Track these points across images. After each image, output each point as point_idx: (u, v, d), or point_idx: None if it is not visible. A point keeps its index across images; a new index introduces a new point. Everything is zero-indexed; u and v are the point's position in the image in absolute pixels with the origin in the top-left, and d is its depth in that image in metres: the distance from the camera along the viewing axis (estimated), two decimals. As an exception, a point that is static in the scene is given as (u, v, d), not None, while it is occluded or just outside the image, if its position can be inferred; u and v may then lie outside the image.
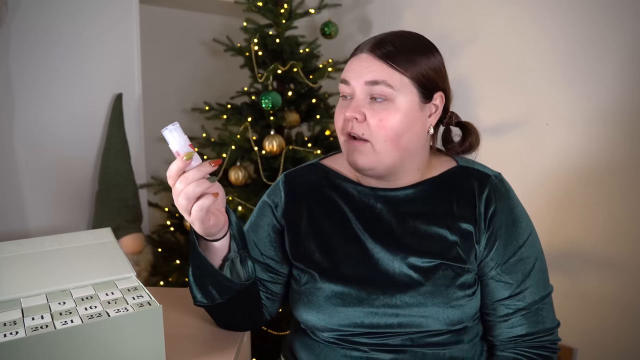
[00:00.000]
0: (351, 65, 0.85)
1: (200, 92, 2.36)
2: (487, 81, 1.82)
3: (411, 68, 0.81)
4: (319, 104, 1.91)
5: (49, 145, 1.70)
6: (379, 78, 0.80)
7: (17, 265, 0.81)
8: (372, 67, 0.81)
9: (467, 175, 0.89)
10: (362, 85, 0.82)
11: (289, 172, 0.98)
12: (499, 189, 0.87)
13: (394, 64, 0.81)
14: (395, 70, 0.81)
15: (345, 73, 0.86)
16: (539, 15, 1.69)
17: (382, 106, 0.81)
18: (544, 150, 1.72)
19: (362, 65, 0.82)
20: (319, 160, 0.99)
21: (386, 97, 0.81)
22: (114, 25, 1.82)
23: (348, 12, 2.24)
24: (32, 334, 0.62)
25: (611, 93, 1.57)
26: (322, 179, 0.95)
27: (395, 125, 0.81)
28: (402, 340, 0.83)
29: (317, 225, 0.91)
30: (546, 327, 0.88)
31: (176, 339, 0.85)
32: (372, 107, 0.81)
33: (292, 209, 0.93)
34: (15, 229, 1.64)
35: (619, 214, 1.58)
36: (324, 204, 0.92)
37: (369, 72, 0.81)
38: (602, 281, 1.62)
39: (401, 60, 0.81)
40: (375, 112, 0.81)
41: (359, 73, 0.82)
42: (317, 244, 0.90)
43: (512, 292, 0.85)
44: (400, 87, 0.81)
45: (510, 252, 0.85)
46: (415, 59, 0.82)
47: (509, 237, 0.85)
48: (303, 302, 0.87)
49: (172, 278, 1.90)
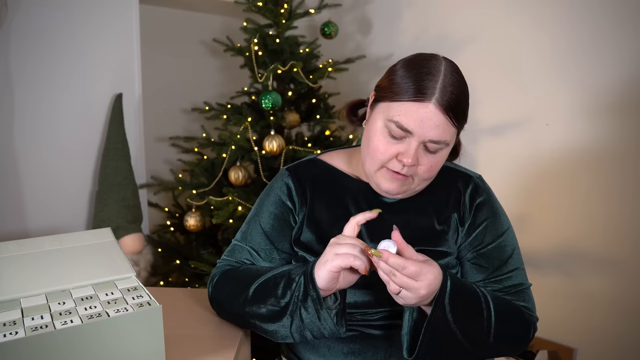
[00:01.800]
0: (415, 113, 0.82)
1: (200, 92, 2.36)
2: (487, 81, 1.82)
3: (464, 121, 0.87)
4: (319, 104, 1.91)
5: (48, 145, 1.70)
6: (442, 139, 0.83)
7: (17, 265, 0.81)
8: (440, 126, 0.82)
9: (452, 174, 0.97)
10: (425, 139, 0.83)
11: (289, 166, 1.01)
12: (480, 186, 0.96)
13: (455, 122, 0.84)
14: (454, 127, 0.84)
15: (408, 121, 0.82)
16: (538, 15, 1.69)
17: (435, 156, 0.86)
18: (544, 150, 1.71)
19: (430, 119, 0.82)
20: (317, 156, 1.02)
21: (440, 149, 0.85)
22: (114, 25, 1.82)
23: (348, 12, 2.24)
24: (32, 334, 0.62)
25: (611, 93, 1.57)
26: (323, 173, 0.98)
27: (438, 168, 0.88)
28: (392, 315, 0.88)
29: (318, 216, 0.94)
30: (523, 304, 0.91)
31: (176, 339, 0.85)
32: (426, 156, 0.85)
33: (301, 196, 0.96)
34: (15, 229, 1.64)
35: (619, 214, 1.58)
36: (325, 196, 0.95)
37: (437, 131, 0.82)
38: (602, 281, 1.62)
39: (460, 115, 0.85)
40: (427, 162, 0.86)
41: (426, 127, 0.82)
42: (316, 233, 0.93)
43: (487, 275, 0.91)
44: (452, 140, 0.86)
45: (488, 239, 0.92)
46: (467, 110, 0.87)
47: (489, 225, 0.92)
48: None
49: (172, 278, 1.90)
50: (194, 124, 2.31)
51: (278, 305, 0.81)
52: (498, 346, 0.83)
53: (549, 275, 1.72)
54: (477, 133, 1.85)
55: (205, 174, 1.86)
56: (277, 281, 0.83)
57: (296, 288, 0.79)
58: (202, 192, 1.79)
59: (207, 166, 1.87)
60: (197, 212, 1.79)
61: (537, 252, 1.75)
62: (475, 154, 1.86)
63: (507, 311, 0.84)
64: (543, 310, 1.77)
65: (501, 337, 0.82)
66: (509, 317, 0.84)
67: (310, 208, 0.95)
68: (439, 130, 0.82)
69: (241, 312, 0.87)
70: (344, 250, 0.76)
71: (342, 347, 0.88)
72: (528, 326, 0.87)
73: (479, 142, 1.86)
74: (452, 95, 0.82)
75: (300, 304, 0.79)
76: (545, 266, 1.73)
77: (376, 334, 0.88)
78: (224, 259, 0.99)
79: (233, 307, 0.89)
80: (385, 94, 0.86)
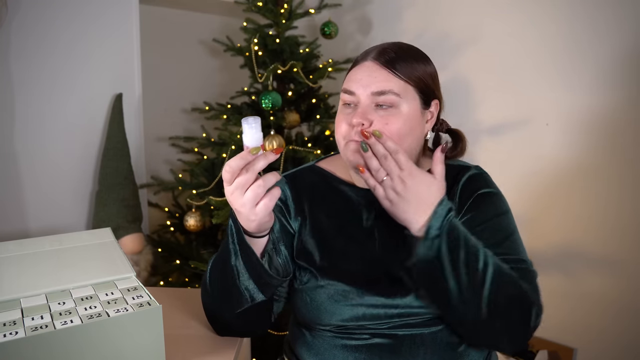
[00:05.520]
0: (355, 74, 0.86)
1: (200, 92, 2.36)
2: (487, 81, 1.82)
3: (414, 76, 0.85)
4: (319, 104, 1.91)
5: (49, 145, 1.70)
6: (385, 88, 0.83)
7: (17, 265, 0.81)
8: (378, 77, 0.83)
9: (453, 170, 0.93)
10: (369, 95, 0.83)
11: (287, 173, 1.00)
12: (476, 176, 0.90)
13: (399, 72, 0.83)
14: (399, 78, 0.84)
15: (349, 83, 0.86)
16: (538, 15, 1.69)
17: (388, 112, 0.84)
18: (544, 150, 1.71)
19: (367, 75, 0.84)
20: (315, 163, 1.01)
21: (392, 104, 0.83)
22: (114, 25, 1.82)
23: (348, 12, 2.24)
24: (32, 334, 0.62)
25: (611, 93, 1.57)
26: (321, 181, 0.96)
27: (399, 129, 0.83)
28: (401, 325, 0.85)
29: (318, 225, 0.92)
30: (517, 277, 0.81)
31: (176, 339, 0.85)
32: (377, 113, 0.84)
33: (298, 206, 0.94)
34: (15, 229, 1.64)
35: (618, 213, 1.58)
36: (324, 205, 0.94)
37: (376, 81, 0.83)
38: (601, 281, 1.62)
39: (405, 68, 0.84)
40: (381, 118, 0.83)
41: (365, 83, 0.84)
42: (317, 243, 0.91)
43: None
44: (404, 94, 0.84)
45: (478, 221, 0.85)
46: (416, 67, 0.85)
47: (482, 211, 0.86)
48: (304, 301, 0.88)
49: (172, 278, 1.90)
50: (194, 124, 2.31)
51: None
52: (492, 314, 0.74)
53: (548, 274, 1.72)
54: (477, 133, 1.85)
55: (205, 174, 1.86)
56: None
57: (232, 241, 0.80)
58: (202, 192, 1.79)
59: (207, 166, 1.87)
60: (197, 212, 1.79)
61: (536, 252, 1.75)
62: (475, 154, 1.86)
63: (507, 274, 0.76)
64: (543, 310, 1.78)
65: (497, 302, 0.73)
66: (509, 281, 0.76)
67: (312, 217, 0.93)
68: (378, 80, 0.83)
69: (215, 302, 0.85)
70: (246, 194, 0.71)
71: (347, 355, 0.86)
72: (529, 304, 0.76)
73: (479, 142, 1.85)
74: (390, 50, 0.85)
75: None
76: (545, 266, 1.73)
77: (383, 344, 0.85)
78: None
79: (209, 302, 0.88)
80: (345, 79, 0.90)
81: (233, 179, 0.71)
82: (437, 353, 0.84)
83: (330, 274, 0.87)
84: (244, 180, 0.70)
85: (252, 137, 0.71)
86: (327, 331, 0.87)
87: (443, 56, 1.85)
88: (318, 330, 0.88)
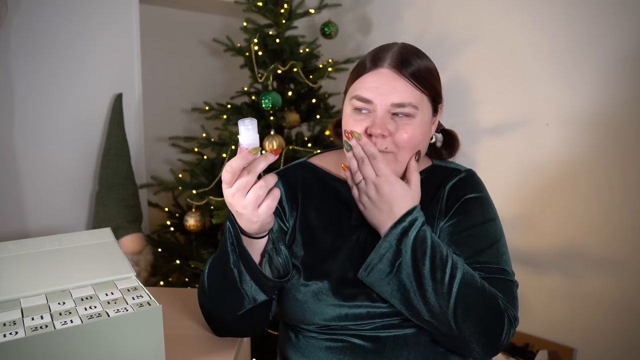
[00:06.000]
0: (370, 82, 0.83)
1: (200, 92, 2.36)
2: (487, 81, 1.82)
3: (429, 85, 0.85)
4: (319, 104, 1.91)
5: (48, 145, 1.70)
6: (405, 100, 0.82)
7: (17, 265, 0.81)
8: (398, 87, 0.82)
9: (439, 172, 0.94)
10: (387, 105, 0.82)
11: (279, 170, 0.99)
12: (465, 179, 0.91)
13: (418, 84, 0.83)
14: (417, 89, 0.83)
15: (363, 90, 0.84)
16: (538, 15, 1.69)
17: (404, 122, 0.83)
18: (544, 150, 1.71)
19: (384, 84, 0.82)
20: (307, 159, 1.00)
21: (409, 115, 0.83)
22: (114, 25, 1.82)
23: (348, 12, 2.24)
24: (32, 334, 0.62)
25: (611, 92, 1.57)
26: (312, 177, 0.96)
27: (415, 138, 0.84)
28: (384, 326, 0.84)
29: (307, 222, 0.92)
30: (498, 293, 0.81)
31: (176, 339, 0.85)
32: (394, 122, 0.83)
33: (291, 204, 0.94)
34: (15, 229, 1.64)
35: (619, 214, 1.58)
36: (314, 201, 0.94)
37: (396, 92, 0.82)
38: (602, 282, 1.62)
39: (423, 79, 0.83)
40: (401, 128, 0.83)
41: (383, 92, 0.82)
42: (304, 240, 0.91)
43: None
44: (420, 105, 0.84)
45: (463, 227, 0.86)
46: (430, 76, 0.85)
47: (467, 217, 0.87)
48: (289, 299, 0.87)
49: (172, 278, 1.90)
50: (194, 124, 2.32)
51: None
52: (458, 324, 0.75)
53: (549, 275, 1.72)
54: (477, 133, 1.85)
55: (205, 174, 1.86)
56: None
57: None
58: (202, 192, 1.79)
59: (207, 166, 1.87)
60: (197, 212, 1.79)
61: (537, 252, 1.75)
62: (475, 154, 1.86)
63: (477, 285, 0.77)
64: (543, 310, 1.78)
65: (464, 312, 0.74)
66: (477, 292, 0.76)
67: (301, 213, 0.93)
68: (397, 92, 0.82)
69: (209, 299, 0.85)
70: (248, 196, 0.70)
71: (331, 357, 0.86)
72: (501, 315, 0.77)
73: (479, 142, 1.86)
74: (407, 59, 0.83)
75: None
76: (546, 266, 1.73)
77: (366, 346, 0.85)
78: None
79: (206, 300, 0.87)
80: (350, 81, 0.89)
81: (234, 180, 0.70)
82: (421, 353, 0.83)
83: (315, 272, 0.87)
84: (245, 182, 0.70)
85: (248, 138, 0.71)
86: (311, 331, 0.87)
87: (443, 56, 1.85)
88: (303, 330, 0.88)
